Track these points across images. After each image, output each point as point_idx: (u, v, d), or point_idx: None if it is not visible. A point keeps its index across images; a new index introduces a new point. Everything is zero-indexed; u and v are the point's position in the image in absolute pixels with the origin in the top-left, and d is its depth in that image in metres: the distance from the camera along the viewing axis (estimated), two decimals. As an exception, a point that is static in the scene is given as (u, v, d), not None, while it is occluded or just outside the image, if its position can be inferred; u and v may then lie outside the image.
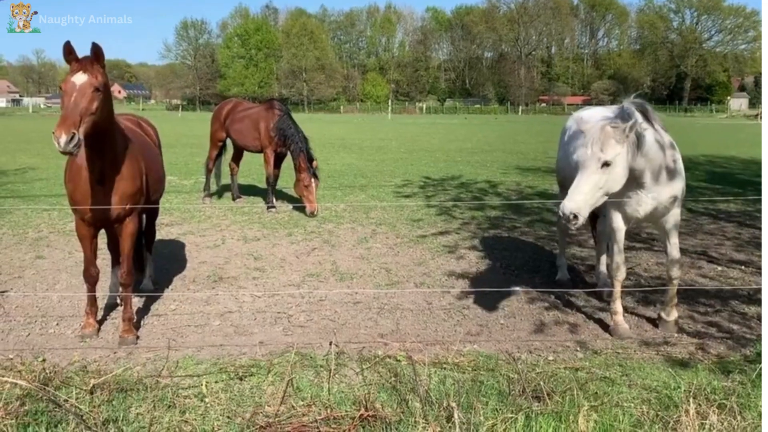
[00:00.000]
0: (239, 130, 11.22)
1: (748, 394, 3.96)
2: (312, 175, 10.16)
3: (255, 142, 10.99)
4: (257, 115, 11.00)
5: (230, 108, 11.62)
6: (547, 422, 3.48)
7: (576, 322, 5.65)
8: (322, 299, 6.20)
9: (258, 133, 10.85)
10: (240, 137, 11.27)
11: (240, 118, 11.26)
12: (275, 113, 10.72)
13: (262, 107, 11.35)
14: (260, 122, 10.82)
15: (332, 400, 3.82)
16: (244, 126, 11.13)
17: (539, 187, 13.82)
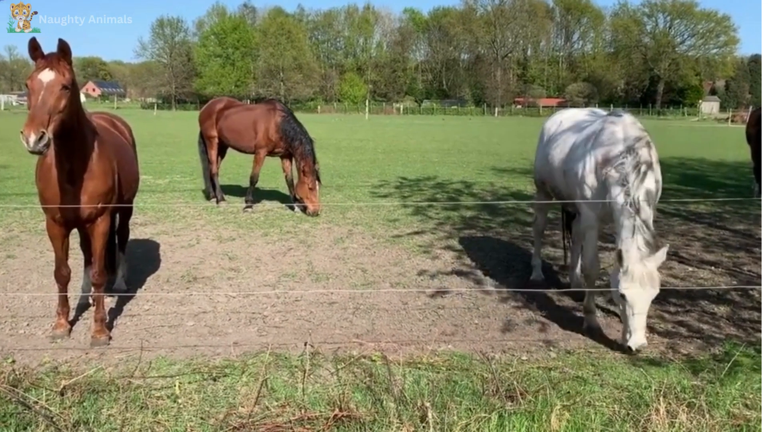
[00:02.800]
0: (234, 130, 11.02)
1: (716, 393, 4.04)
2: (315, 177, 10.19)
3: (250, 142, 10.84)
4: (256, 116, 10.83)
5: (223, 106, 11.41)
6: (520, 422, 3.52)
7: (549, 321, 5.71)
8: (297, 299, 6.18)
9: (255, 133, 10.70)
10: (234, 137, 11.06)
11: (236, 118, 11.07)
12: (278, 114, 10.60)
13: (262, 107, 11.16)
14: (259, 123, 10.66)
15: (306, 401, 3.81)
16: (240, 126, 10.94)
17: (514, 188, 13.94)
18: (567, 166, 5.66)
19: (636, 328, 4.71)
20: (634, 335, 4.70)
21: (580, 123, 6.00)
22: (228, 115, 11.17)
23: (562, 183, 5.83)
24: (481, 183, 14.72)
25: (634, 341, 4.70)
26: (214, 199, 11.44)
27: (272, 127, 10.51)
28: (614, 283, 4.81)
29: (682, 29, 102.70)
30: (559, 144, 5.98)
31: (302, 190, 10.32)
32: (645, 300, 4.71)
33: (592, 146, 5.28)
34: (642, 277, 4.63)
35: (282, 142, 10.50)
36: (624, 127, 5.18)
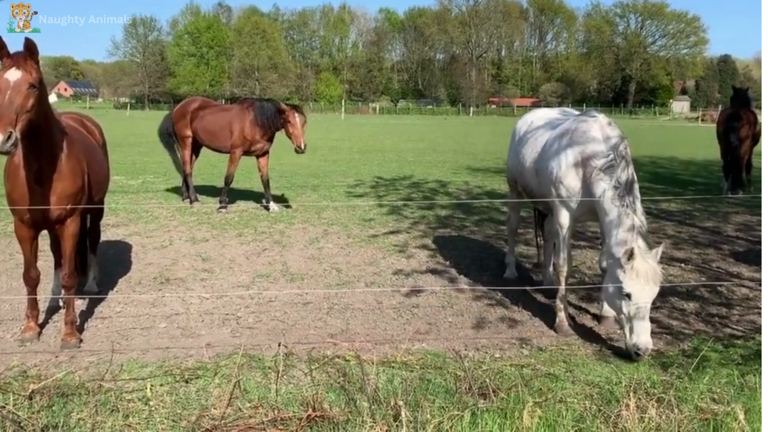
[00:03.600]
0: (209, 130, 10.93)
1: (685, 388, 4.10)
2: (295, 110, 10.21)
3: (226, 142, 10.77)
4: (231, 116, 10.78)
5: (197, 106, 11.30)
6: (493, 419, 3.54)
7: (522, 319, 5.76)
8: (271, 300, 6.15)
9: (231, 133, 10.65)
10: (209, 137, 10.98)
11: (211, 118, 10.98)
12: (250, 111, 10.58)
13: (237, 107, 11.12)
14: (234, 122, 10.61)
15: (280, 402, 3.80)
16: (215, 126, 10.86)
17: (488, 187, 14.03)
18: (540, 164, 5.68)
19: (643, 329, 4.64)
20: (642, 337, 4.62)
21: (551, 122, 6.05)
22: (203, 115, 11.08)
23: (534, 182, 5.84)
24: (456, 182, 14.79)
25: (644, 344, 4.61)
26: (187, 200, 11.34)
27: (247, 125, 10.46)
28: (613, 282, 4.76)
29: (653, 30, 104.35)
30: (531, 143, 6.00)
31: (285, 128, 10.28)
32: (649, 298, 4.68)
33: (569, 145, 5.28)
34: (647, 274, 4.61)
35: (263, 133, 10.43)
36: (602, 127, 5.21)
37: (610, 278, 4.83)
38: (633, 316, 4.67)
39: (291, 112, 10.18)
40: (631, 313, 4.67)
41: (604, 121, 5.30)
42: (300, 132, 10.12)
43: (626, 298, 4.66)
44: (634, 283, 4.61)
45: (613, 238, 4.84)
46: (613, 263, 4.80)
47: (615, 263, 4.76)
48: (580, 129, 5.30)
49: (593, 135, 5.18)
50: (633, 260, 4.58)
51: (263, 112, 10.40)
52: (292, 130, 10.15)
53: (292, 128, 10.14)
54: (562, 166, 5.27)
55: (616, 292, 4.74)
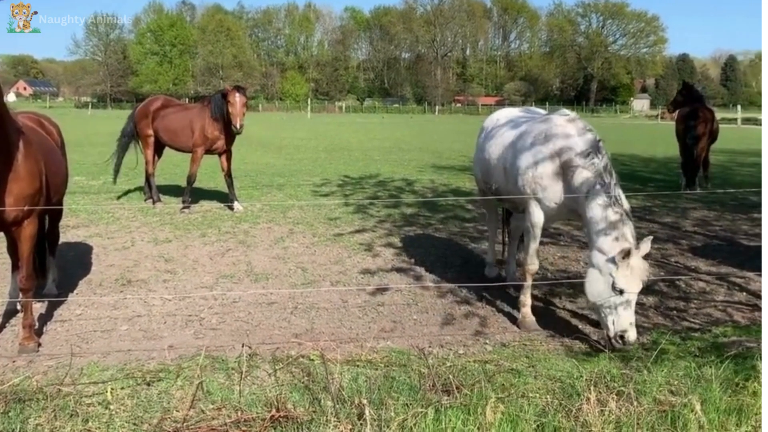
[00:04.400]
0: (171, 129, 10.80)
1: (644, 381, 4.18)
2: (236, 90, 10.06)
3: (188, 141, 10.64)
4: (192, 114, 10.67)
5: (159, 105, 11.14)
6: (456, 415, 3.56)
7: (486, 315, 5.81)
8: (235, 301, 6.11)
9: (192, 132, 10.51)
10: (171, 136, 10.85)
11: (172, 117, 10.84)
12: (208, 108, 10.47)
13: (197, 106, 11.02)
14: (195, 121, 10.49)
15: (243, 403, 3.77)
16: (177, 125, 10.73)
17: (453, 185, 14.12)
18: (509, 162, 5.62)
19: (632, 322, 4.82)
20: (631, 330, 4.79)
21: (517, 120, 6.06)
22: (165, 114, 10.94)
23: (502, 180, 5.80)
24: (422, 180, 14.85)
25: (632, 336, 4.80)
26: (150, 200, 11.18)
27: (207, 123, 10.35)
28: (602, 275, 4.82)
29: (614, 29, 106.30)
30: (499, 142, 5.97)
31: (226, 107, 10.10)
32: (637, 292, 4.84)
33: (543, 143, 5.26)
34: (639, 271, 4.72)
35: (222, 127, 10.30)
36: (577, 127, 5.25)
37: (598, 271, 4.87)
38: (622, 310, 4.79)
39: (232, 92, 10.06)
40: (620, 308, 4.79)
41: (580, 122, 5.34)
42: (238, 111, 9.99)
43: (617, 293, 4.76)
44: (628, 279, 4.72)
45: (600, 234, 4.87)
46: (601, 257, 4.84)
47: (602, 257, 4.82)
48: (554, 127, 5.31)
49: (568, 132, 5.21)
50: (629, 258, 4.68)
51: (216, 104, 10.31)
52: (230, 109, 10.00)
53: (231, 108, 10.00)
54: (538, 163, 5.25)
55: (605, 285, 4.81)
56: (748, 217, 10.63)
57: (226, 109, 10.07)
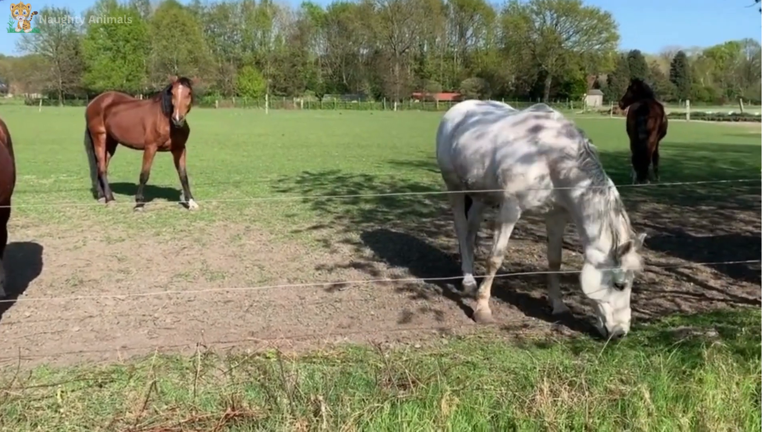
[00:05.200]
0: (122, 126, 10.58)
1: (595, 371, 4.27)
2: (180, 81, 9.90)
3: (140, 138, 10.43)
4: (144, 111, 10.47)
5: (111, 101, 10.91)
6: (412, 409, 3.59)
7: (442, 309, 5.87)
8: (190, 300, 6.03)
9: (144, 128, 10.31)
10: (122, 133, 10.63)
11: (124, 114, 10.63)
12: (158, 103, 10.32)
13: (149, 102, 10.85)
14: (147, 118, 10.29)
15: (198, 402, 3.73)
16: (129, 121, 10.52)
17: (411, 180, 14.18)
18: (492, 158, 5.51)
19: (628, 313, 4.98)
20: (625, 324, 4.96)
21: (496, 114, 5.95)
22: (116, 111, 10.74)
23: (481, 175, 5.67)
24: (381, 176, 14.87)
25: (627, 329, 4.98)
26: (102, 199, 10.95)
27: (159, 119, 10.18)
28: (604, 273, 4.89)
29: (567, 26, 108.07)
30: (475, 135, 5.80)
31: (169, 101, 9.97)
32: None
33: (531, 142, 5.25)
34: (636, 263, 4.84)
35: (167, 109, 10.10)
36: (564, 124, 5.31)
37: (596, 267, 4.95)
38: (619, 305, 4.92)
39: (175, 84, 9.90)
40: (619, 302, 4.92)
41: (565, 119, 5.40)
42: (179, 103, 9.80)
43: (616, 288, 4.88)
44: (627, 273, 4.84)
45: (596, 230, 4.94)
46: (598, 253, 4.92)
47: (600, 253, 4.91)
48: (541, 124, 5.31)
49: (557, 130, 5.23)
50: (627, 252, 4.79)
51: (165, 99, 10.15)
52: (172, 101, 9.84)
53: (173, 99, 9.83)
54: (524, 161, 5.22)
55: (604, 281, 4.91)
56: (696, 209, 10.95)
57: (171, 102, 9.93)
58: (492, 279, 5.65)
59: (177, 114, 9.74)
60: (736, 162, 19.19)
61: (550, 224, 5.85)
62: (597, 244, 4.95)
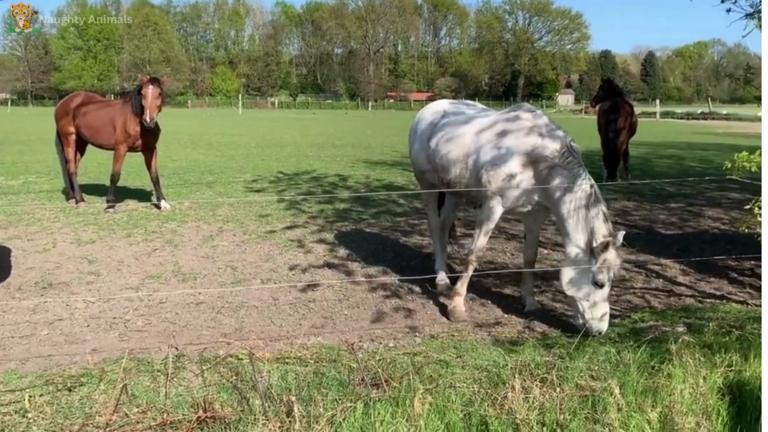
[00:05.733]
0: (92, 126, 10.43)
1: (566, 367, 4.31)
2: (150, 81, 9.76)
3: (110, 139, 10.28)
4: (114, 111, 10.32)
5: (80, 101, 10.74)
6: (385, 408, 3.59)
7: (415, 308, 5.89)
8: (162, 301, 5.97)
9: (114, 128, 10.16)
10: (92, 133, 10.48)
11: (94, 114, 10.47)
12: (128, 103, 10.18)
13: (119, 102, 10.70)
14: (117, 118, 10.14)
15: (169, 405, 3.70)
16: (98, 121, 10.37)
17: (386, 180, 14.19)
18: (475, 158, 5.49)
19: (607, 314, 5.03)
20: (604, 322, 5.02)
21: (476, 114, 5.94)
22: (86, 111, 10.59)
23: (462, 174, 5.65)
24: (355, 176, 14.86)
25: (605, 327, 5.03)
26: (72, 200, 10.79)
27: (128, 119, 10.05)
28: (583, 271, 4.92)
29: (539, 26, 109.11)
30: (455, 134, 5.76)
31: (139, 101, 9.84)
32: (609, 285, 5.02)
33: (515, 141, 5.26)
34: (615, 262, 4.87)
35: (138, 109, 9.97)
36: (547, 123, 5.34)
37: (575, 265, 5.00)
38: (597, 302, 4.97)
39: (145, 84, 9.76)
40: (597, 300, 4.96)
41: (546, 118, 5.44)
42: (150, 104, 9.68)
43: (595, 286, 4.93)
44: (606, 271, 4.87)
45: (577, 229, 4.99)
46: (579, 252, 4.98)
47: (580, 252, 4.97)
48: (527, 124, 5.32)
49: (541, 130, 5.25)
50: (607, 251, 4.82)
51: (135, 99, 10.03)
52: (143, 101, 9.72)
53: (143, 100, 9.71)
54: (508, 161, 5.23)
55: (583, 279, 4.96)
56: (665, 206, 11.12)
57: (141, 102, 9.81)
58: (469, 277, 5.68)
59: (148, 115, 9.62)
60: (705, 160, 19.53)
61: (528, 222, 5.88)
62: (575, 240, 5.02)
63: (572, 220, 5.02)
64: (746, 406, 3.83)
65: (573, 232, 5.03)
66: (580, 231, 4.98)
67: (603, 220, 4.95)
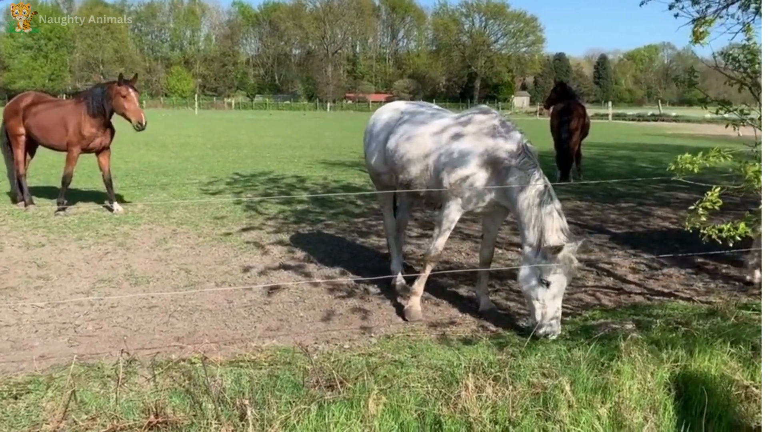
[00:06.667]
0: (43, 127, 10.13)
1: (518, 365, 4.38)
2: (127, 84, 9.54)
3: (61, 140, 10.00)
4: (66, 111, 10.04)
5: (30, 101, 10.43)
6: (339, 409, 3.60)
7: (371, 309, 5.91)
8: (113, 306, 5.86)
9: (66, 130, 9.90)
10: (43, 134, 10.18)
11: (45, 114, 10.17)
12: (83, 104, 9.92)
13: (71, 102, 10.42)
14: (69, 119, 9.87)
15: (119, 410, 3.63)
16: (49, 122, 10.08)
17: (344, 181, 14.19)
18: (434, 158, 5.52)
19: (557, 316, 5.00)
20: (555, 325, 4.99)
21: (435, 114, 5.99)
22: (37, 111, 10.29)
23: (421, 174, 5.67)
24: (313, 177, 14.82)
25: (555, 331, 4.99)
26: (21, 203, 10.50)
27: (83, 120, 9.83)
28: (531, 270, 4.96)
29: (495, 29, 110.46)
30: (413, 134, 5.78)
31: (117, 103, 9.55)
32: (564, 286, 5.00)
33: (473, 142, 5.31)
34: (567, 265, 4.88)
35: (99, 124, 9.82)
36: (504, 124, 5.39)
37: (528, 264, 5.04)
38: (548, 304, 4.97)
39: (125, 87, 9.52)
40: (547, 301, 4.96)
41: (503, 117, 5.50)
42: (138, 107, 9.58)
43: (544, 285, 4.94)
44: (556, 273, 4.90)
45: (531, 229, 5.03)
46: (531, 251, 5.02)
47: (532, 251, 5.01)
48: (485, 125, 5.37)
49: (498, 131, 5.30)
50: (558, 253, 4.84)
51: (94, 99, 9.81)
52: (128, 105, 9.50)
53: (128, 104, 9.49)
54: (466, 162, 5.28)
55: (534, 278, 4.99)
56: (616, 206, 11.39)
57: (122, 107, 9.55)
58: (426, 277, 5.71)
59: (143, 118, 9.52)
60: (655, 161, 20.04)
61: (486, 223, 5.94)
62: (528, 239, 5.10)
63: (525, 219, 5.10)
64: (692, 399, 3.93)
65: (526, 231, 5.10)
66: (532, 230, 5.06)
67: (556, 218, 5.01)
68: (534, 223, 5.05)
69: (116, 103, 9.58)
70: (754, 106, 4.15)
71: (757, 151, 4.05)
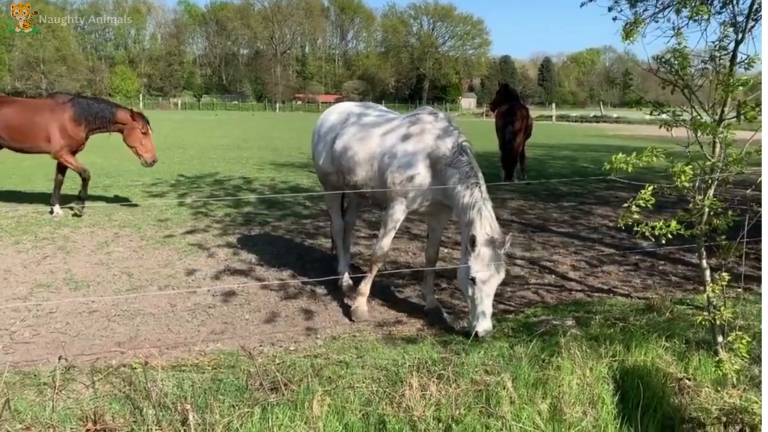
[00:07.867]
0: (15, 128, 9.63)
1: (462, 363, 4.45)
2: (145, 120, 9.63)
3: (39, 143, 9.65)
4: (47, 118, 9.61)
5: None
6: (283, 412, 3.59)
7: (318, 310, 5.90)
8: (52, 311, 5.69)
9: (48, 134, 9.55)
10: (17, 136, 9.67)
11: (17, 116, 9.67)
12: (66, 107, 9.63)
13: (48, 105, 9.88)
14: (51, 123, 9.53)
15: (56, 419, 3.54)
16: (23, 125, 9.62)
17: (292, 182, 14.11)
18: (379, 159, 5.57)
19: (485, 313, 4.94)
20: (482, 322, 4.91)
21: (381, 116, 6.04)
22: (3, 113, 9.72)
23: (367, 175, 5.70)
24: (261, 178, 14.68)
25: (483, 328, 4.90)
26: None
27: (67, 123, 9.56)
28: (463, 267, 4.98)
29: (443, 31, 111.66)
30: (359, 136, 5.82)
31: (133, 139, 9.72)
32: (493, 284, 4.96)
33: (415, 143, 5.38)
34: (489, 260, 4.90)
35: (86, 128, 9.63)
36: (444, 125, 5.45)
37: (462, 261, 5.10)
38: (478, 301, 4.96)
39: (144, 124, 9.67)
40: (476, 298, 4.96)
41: (444, 117, 5.56)
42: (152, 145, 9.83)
43: (471, 282, 4.94)
44: (479, 268, 4.89)
45: (465, 226, 5.09)
46: (464, 248, 5.07)
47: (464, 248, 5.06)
48: (424, 125, 5.45)
49: (438, 131, 5.38)
50: (477, 246, 4.87)
51: (89, 110, 9.63)
52: (146, 143, 9.73)
53: (146, 141, 9.73)
54: (409, 162, 5.35)
55: (465, 274, 5.00)
56: (558, 205, 11.65)
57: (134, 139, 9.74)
58: (373, 277, 5.74)
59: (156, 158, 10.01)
60: (596, 161, 20.53)
61: (432, 222, 6.00)
62: (462, 237, 5.20)
63: (461, 216, 5.21)
64: (629, 393, 4.06)
65: (462, 229, 5.22)
66: (465, 228, 5.15)
67: (485, 215, 5.07)
68: (466, 221, 5.14)
69: (131, 136, 9.71)
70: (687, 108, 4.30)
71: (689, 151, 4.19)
